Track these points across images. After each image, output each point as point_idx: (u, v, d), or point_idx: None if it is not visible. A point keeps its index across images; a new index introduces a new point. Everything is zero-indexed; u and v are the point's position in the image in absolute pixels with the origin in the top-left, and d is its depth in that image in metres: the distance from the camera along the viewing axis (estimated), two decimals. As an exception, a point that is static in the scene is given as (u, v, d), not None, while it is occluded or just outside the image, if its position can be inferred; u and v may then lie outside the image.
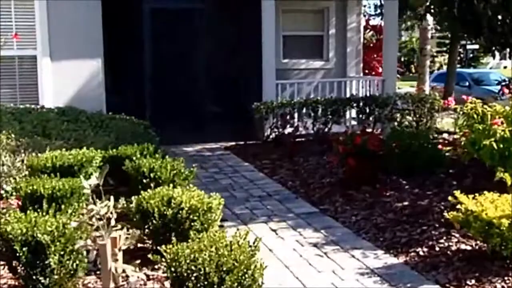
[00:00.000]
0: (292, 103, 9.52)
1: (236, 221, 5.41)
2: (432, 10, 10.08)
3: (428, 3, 10.27)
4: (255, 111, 9.50)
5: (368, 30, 14.27)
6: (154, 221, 3.81)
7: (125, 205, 3.91)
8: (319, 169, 7.38)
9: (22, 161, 5.73)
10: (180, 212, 3.78)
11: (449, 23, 9.64)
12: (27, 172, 5.25)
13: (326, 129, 9.66)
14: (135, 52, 10.01)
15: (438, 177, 6.56)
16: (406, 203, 5.71)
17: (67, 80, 9.01)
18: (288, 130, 9.28)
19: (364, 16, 16.82)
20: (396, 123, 9.81)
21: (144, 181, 4.82)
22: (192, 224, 3.81)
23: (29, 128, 7.06)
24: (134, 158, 5.52)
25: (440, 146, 7.19)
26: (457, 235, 4.67)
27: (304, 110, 9.67)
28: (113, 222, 3.07)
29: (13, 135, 6.41)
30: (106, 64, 9.59)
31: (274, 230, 5.14)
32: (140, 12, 9.65)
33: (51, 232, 3.27)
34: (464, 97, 9.13)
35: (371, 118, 10.03)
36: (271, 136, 9.46)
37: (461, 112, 6.05)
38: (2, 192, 5.16)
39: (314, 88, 10.75)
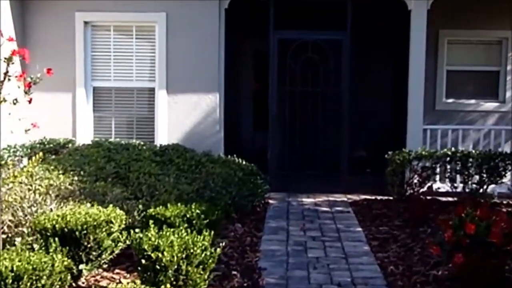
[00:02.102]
0: (436, 155, 7.68)
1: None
2: None
3: None
4: (389, 163, 7.88)
5: None
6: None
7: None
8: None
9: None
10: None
11: None
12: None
13: (482, 190, 7.65)
14: (259, 87, 9.06)
15: None
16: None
17: (181, 115, 8.39)
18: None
19: None
20: None
21: (144, 262, 3.73)
22: None
23: (109, 169, 6.45)
24: (174, 222, 4.52)
25: None
26: None
27: (452, 165, 7.77)
28: None
29: (76, 178, 5.82)
30: (227, 100, 8.79)
31: None
32: (267, 43, 8.67)
33: None
34: None
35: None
36: (407, 193, 7.74)
37: None
38: None
39: (484, 135, 8.74)
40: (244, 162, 7.74)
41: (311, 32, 8.66)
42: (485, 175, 7.56)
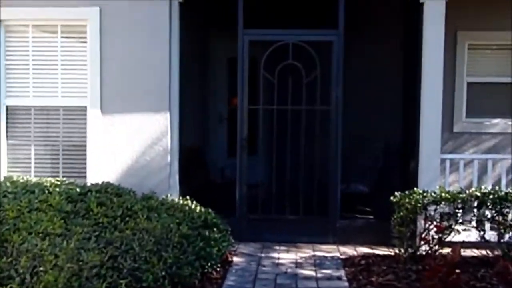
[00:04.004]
0: (460, 197, 5.60)
1: None
2: None
3: None
4: (396, 208, 5.80)
5: None
6: None
7: None
8: None
9: None
10: None
11: None
12: None
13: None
14: (236, 103, 7.04)
15: None
16: None
17: (120, 143, 6.36)
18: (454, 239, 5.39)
19: None
20: None
21: None
22: None
23: (-15, 227, 4.40)
24: None
25: None
26: None
27: (482, 210, 5.68)
28: None
29: None
30: (188, 121, 6.79)
31: None
32: (234, 46, 6.64)
33: None
34: None
35: None
36: (421, 249, 5.67)
37: None
38: None
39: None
40: (198, 209, 5.69)
41: (292, 31, 6.60)
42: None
